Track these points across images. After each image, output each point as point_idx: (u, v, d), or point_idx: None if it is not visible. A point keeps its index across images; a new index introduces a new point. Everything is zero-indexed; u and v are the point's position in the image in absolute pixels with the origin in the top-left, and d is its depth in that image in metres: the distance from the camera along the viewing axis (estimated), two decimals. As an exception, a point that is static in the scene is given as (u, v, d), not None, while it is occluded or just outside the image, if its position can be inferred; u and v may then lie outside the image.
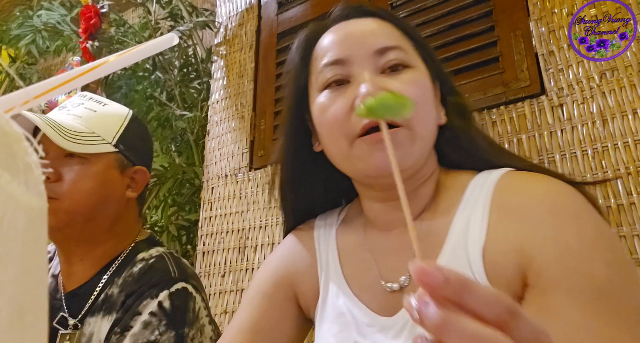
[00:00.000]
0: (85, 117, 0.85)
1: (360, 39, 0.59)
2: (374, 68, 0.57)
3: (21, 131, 0.20)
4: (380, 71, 0.58)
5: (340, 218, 0.71)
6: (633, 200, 0.87)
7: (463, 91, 1.13)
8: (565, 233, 0.48)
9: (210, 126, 1.65)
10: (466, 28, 1.18)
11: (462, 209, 0.57)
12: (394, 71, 0.58)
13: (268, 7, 1.64)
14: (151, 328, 0.73)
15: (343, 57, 0.59)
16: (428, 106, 0.58)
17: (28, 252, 0.18)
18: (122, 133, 0.88)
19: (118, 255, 0.86)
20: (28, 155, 0.20)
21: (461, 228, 0.55)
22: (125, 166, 0.88)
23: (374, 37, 0.59)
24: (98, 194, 0.83)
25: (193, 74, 2.13)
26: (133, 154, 0.89)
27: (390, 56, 0.57)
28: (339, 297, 0.62)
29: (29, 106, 0.27)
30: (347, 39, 0.60)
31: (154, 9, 2.24)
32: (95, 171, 0.83)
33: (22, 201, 0.18)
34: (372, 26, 0.61)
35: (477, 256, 0.52)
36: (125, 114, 0.91)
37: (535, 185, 0.54)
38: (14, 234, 0.18)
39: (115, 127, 0.88)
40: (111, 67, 0.32)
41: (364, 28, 0.61)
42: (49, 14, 2.41)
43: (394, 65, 0.58)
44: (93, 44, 1.84)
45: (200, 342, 0.77)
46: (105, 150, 0.84)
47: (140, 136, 0.93)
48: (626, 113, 0.92)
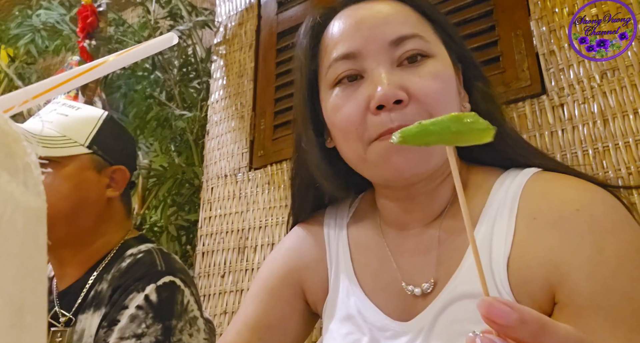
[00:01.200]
0: (56, 122, 0.87)
1: (373, 28, 0.53)
2: (390, 61, 0.52)
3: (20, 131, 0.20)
4: (398, 64, 0.52)
5: (352, 212, 0.66)
6: (633, 200, 0.87)
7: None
8: (603, 249, 0.44)
9: (210, 126, 1.65)
10: (466, 28, 1.18)
11: (485, 213, 0.53)
12: (412, 62, 0.52)
13: (268, 6, 1.64)
14: (138, 322, 0.74)
15: (355, 51, 0.53)
16: (451, 99, 0.53)
17: (27, 252, 0.18)
18: (96, 134, 0.89)
19: (107, 252, 0.88)
20: (27, 155, 0.20)
21: (485, 233, 0.51)
22: (102, 166, 0.89)
23: (388, 25, 0.53)
24: (75, 196, 0.84)
25: (192, 74, 2.13)
26: (109, 154, 0.90)
27: (408, 46, 0.52)
28: (350, 296, 0.58)
29: (28, 105, 0.27)
30: (359, 28, 0.54)
31: (153, 8, 2.24)
32: (68, 173, 0.84)
33: (21, 201, 0.18)
34: (386, 11, 0.54)
35: (501, 266, 0.48)
36: (98, 116, 0.92)
37: (569, 192, 0.50)
38: (13, 234, 0.17)
39: (88, 129, 0.89)
40: (110, 67, 0.32)
41: (376, 14, 0.54)
42: (48, 13, 2.41)
43: (412, 55, 0.52)
44: (90, 43, 1.84)
45: (190, 334, 0.77)
46: (78, 152, 0.85)
47: (116, 136, 0.94)
48: (627, 113, 0.92)
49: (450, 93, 0.53)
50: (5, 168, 0.18)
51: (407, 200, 0.58)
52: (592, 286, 0.43)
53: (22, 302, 0.17)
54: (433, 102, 0.50)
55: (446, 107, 0.51)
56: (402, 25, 0.53)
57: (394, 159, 0.50)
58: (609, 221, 0.46)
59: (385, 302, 0.56)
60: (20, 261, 0.18)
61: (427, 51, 0.52)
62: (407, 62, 0.52)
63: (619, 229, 0.46)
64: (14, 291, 0.17)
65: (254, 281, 0.67)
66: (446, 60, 0.54)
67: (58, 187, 0.83)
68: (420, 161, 0.51)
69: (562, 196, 0.49)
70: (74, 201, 0.84)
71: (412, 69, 0.51)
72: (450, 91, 0.53)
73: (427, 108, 0.50)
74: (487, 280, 0.46)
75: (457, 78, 0.57)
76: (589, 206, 0.47)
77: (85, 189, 0.86)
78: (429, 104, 0.50)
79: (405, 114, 0.50)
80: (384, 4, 0.55)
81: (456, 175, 0.29)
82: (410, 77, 0.51)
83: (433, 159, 0.51)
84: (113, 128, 0.93)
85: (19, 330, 0.17)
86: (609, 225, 0.46)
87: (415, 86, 0.50)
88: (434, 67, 0.52)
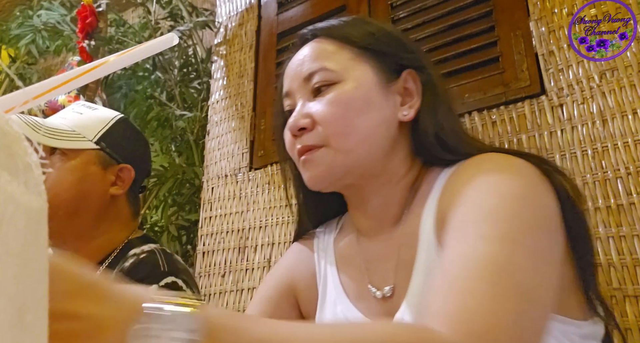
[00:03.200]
0: (70, 118, 0.90)
1: (295, 70, 0.63)
2: (307, 94, 0.61)
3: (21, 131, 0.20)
4: (314, 95, 0.61)
5: (339, 227, 0.72)
6: (633, 200, 0.87)
7: (463, 91, 1.14)
8: (480, 193, 0.49)
9: (210, 126, 1.65)
10: (466, 28, 1.18)
11: (428, 205, 0.57)
12: (320, 92, 0.60)
13: (268, 7, 1.64)
14: None
15: (287, 90, 0.64)
16: (358, 116, 0.59)
17: (28, 252, 0.18)
18: (105, 132, 0.91)
19: (111, 251, 0.88)
20: (28, 155, 0.20)
21: (430, 224, 0.55)
22: (109, 163, 0.90)
23: (303, 65, 0.62)
24: (77, 188, 0.86)
25: (193, 74, 2.13)
26: (117, 153, 0.91)
27: (315, 80, 0.60)
28: (337, 305, 0.63)
29: (29, 106, 0.27)
30: (288, 71, 0.65)
31: (153, 8, 2.24)
32: (73, 165, 0.86)
33: (22, 201, 0.18)
34: (306, 52, 0.63)
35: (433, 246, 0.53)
36: (112, 117, 0.94)
37: (484, 162, 0.55)
38: (13, 234, 0.18)
39: (98, 127, 0.91)
40: (111, 67, 0.32)
41: (299, 57, 0.64)
42: (49, 13, 2.41)
43: (318, 87, 0.60)
44: (90, 44, 1.84)
45: None
46: (85, 147, 0.87)
47: (127, 137, 0.96)
48: (626, 113, 0.92)
49: (355, 111, 0.59)
50: (6, 168, 0.18)
51: (361, 206, 0.64)
52: (458, 208, 0.49)
53: (23, 302, 0.18)
54: (330, 125, 0.58)
55: (351, 124, 0.58)
56: (312, 62, 0.61)
57: (305, 174, 0.60)
58: (503, 176, 0.50)
59: (366, 308, 0.60)
60: (21, 261, 0.18)
61: (332, 79, 0.60)
62: (318, 93, 0.61)
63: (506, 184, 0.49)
64: (14, 291, 0.17)
65: (255, 294, 0.72)
66: (358, 81, 0.60)
67: (63, 178, 0.85)
68: (320, 175, 0.59)
69: (477, 165, 0.54)
70: (76, 193, 0.86)
71: (319, 98, 0.60)
72: (356, 109, 0.59)
73: (327, 130, 0.58)
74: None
75: (389, 87, 0.62)
76: (495, 167, 0.52)
77: (89, 183, 0.87)
78: (327, 126, 0.58)
79: (307, 137, 0.59)
80: (309, 46, 0.64)
81: None
82: (316, 105, 0.60)
83: (335, 171, 0.59)
84: (126, 129, 0.95)
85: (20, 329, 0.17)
86: (500, 179, 0.50)
87: (316, 113, 0.59)
88: (336, 93, 0.59)
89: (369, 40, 0.63)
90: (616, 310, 0.84)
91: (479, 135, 1.08)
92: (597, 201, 0.90)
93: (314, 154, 0.58)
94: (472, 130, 1.10)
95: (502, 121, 1.07)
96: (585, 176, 0.93)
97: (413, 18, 1.27)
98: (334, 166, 0.59)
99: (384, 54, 0.62)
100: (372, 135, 0.59)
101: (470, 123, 1.11)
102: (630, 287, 0.83)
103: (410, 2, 1.29)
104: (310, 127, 0.59)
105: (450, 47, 1.18)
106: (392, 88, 0.62)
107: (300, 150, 0.60)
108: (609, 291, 0.85)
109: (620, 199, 0.88)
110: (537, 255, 0.44)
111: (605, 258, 0.87)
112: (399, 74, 0.62)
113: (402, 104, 0.62)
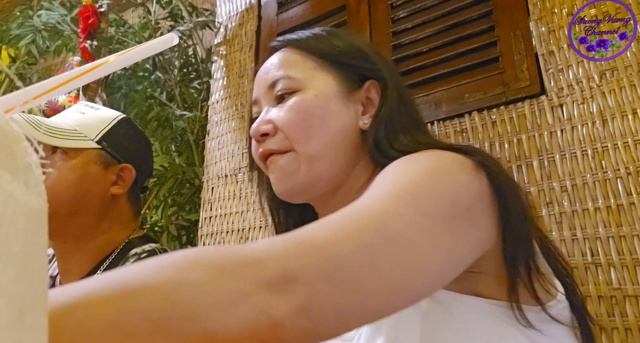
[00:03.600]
0: (72, 118, 0.90)
1: (261, 78, 0.66)
2: (271, 101, 0.64)
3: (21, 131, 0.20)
4: (278, 102, 0.63)
5: None
6: (633, 200, 0.87)
7: (463, 91, 1.14)
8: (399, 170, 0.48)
9: (210, 126, 1.65)
10: (466, 28, 1.18)
11: None
12: (282, 99, 0.63)
13: (268, 7, 1.64)
14: None
15: (255, 98, 0.67)
16: (315, 122, 0.60)
17: (28, 252, 0.18)
18: (107, 132, 0.91)
19: (112, 251, 0.88)
20: (28, 155, 0.20)
21: None
22: (110, 163, 0.90)
23: (268, 73, 0.65)
24: (77, 187, 0.86)
25: (193, 74, 2.13)
26: (118, 152, 0.91)
27: (278, 87, 0.63)
28: None
29: (29, 106, 0.27)
30: (257, 79, 0.68)
31: (154, 9, 2.24)
32: (74, 164, 0.87)
33: (22, 201, 0.18)
34: (272, 61, 0.66)
35: None
36: (114, 116, 0.94)
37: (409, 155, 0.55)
38: (13, 234, 0.18)
39: (100, 126, 0.91)
40: (111, 67, 0.32)
41: (266, 65, 0.67)
42: (49, 14, 2.41)
43: (281, 95, 0.63)
44: (92, 44, 1.84)
45: None
46: (86, 146, 0.88)
47: (130, 137, 0.96)
48: (626, 113, 0.92)
49: (315, 118, 0.61)
50: (7, 168, 0.18)
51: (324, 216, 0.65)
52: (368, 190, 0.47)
53: (23, 302, 0.18)
54: (290, 130, 0.60)
55: (310, 130, 0.60)
56: (277, 71, 0.64)
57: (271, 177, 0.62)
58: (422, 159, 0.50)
59: None
60: (22, 261, 0.18)
61: (294, 87, 0.62)
62: (280, 100, 0.63)
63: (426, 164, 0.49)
64: (15, 291, 0.17)
65: None
66: (319, 89, 0.62)
67: (63, 177, 0.85)
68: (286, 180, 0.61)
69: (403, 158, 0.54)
70: (77, 192, 0.86)
71: (281, 105, 0.62)
72: (315, 116, 0.61)
73: (287, 135, 0.61)
74: None
75: (351, 97, 0.64)
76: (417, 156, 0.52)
77: (89, 182, 0.87)
78: (287, 132, 0.60)
79: (269, 142, 0.62)
80: (276, 55, 0.67)
81: None
82: (277, 112, 0.62)
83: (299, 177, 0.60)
84: (128, 130, 0.95)
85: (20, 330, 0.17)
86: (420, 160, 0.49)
87: (277, 119, 0.61)
88: (297, 100, 0.61)
89: (333, 52, 0.66)
90: (616, 310, 0.84)
91: (479, 135, 1.08)
92: (597, 201, 0.90)
93: (280, 157, 0.61)
94: (472, 130, 1.10)
95: (502, 121, 1.07)
96: (585, 176, 0.93)
97: (413, 18, 1.27)
98: (299, 171, 0.60)
99: (347, 65, 0.65)
100: (332, 141, 0.61)
101: (470, 123, 1.11)
102: (630, 287, 0.83)
103: (410, 2, 1.29)
104: (272, 133, 0.61)
105: (450, 47, 1.18)
106: (354, 97, 0.64)
107: (262, 154, 0.62)
108: (609, 291, 0.85)
109: (620, 199, 0.88)
110: (428, 218, 0.41)
111: (605, 258, 0.87)
112: (362, 85, 0.65)
113: (364, 113, 0.65)
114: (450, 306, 0.49)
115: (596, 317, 0.86)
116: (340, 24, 1.42)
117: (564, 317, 0.54)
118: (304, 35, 0.68)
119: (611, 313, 0.84)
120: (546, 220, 0.95)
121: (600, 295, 0.86)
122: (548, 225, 0.95)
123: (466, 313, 0.49)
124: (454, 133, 1.12)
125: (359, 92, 0.65)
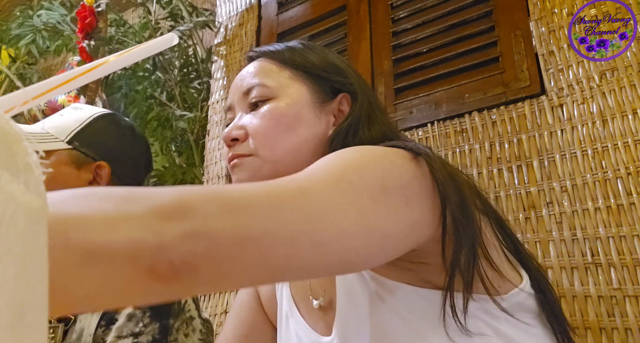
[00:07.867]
0: (48, 120, 0.89)
1: (237, 85, 0.67)
2: (245, 108, 0.65)
3: (21, 131, 0.20)
4: (251, 109, 0.65)
5: None
6: (633, 200, 0.87)
7: (463, 91, 1.14)
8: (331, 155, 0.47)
9: (210, 126, 1.65)
10: (466, 28, 1.18)
11: None
12: (256, 107, 0.64)
13: (268, 7, 1.64)
14: (135, 320, 0.74)
15: (229, 104, 0.68)
16: (285, 130, 0.62)
17: (28, 252, 0.18)
18: (79, 131, 0.89)
19: None
20: (28, 155, 0.20)
21: None
22: (83, 162, 0.89)
23: (244, 80, 0.66)
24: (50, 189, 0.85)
25: (193, 74, 2.13)
26: (92, 150, 0.90)
27: (253, 94, 0.64)
28: (289, 319, 0.66)
29: (29, 106, 0.27)
30: (232, 86, 0.69)
31: (154, 9, 2.24)
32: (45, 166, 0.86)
33: (22, 201, 0.18)
34: (248, 70, 0.68)
35: None
36: (90, 115, 0.92)
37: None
38: (14, 234, 0.18)
39: (72, 126, 0.89)
40: (111, 67, 0.32)
41: (242, 73, 0.69)
42: (49, 13, 2.41)
43: (255, 102, 0.64)
44: (90, 44, 1.84)
45: (186, 334, 0.78)
46: (56, 147, 0.86)
47: (109, 132, 0.94)
48: (626, 113, 0.92)
49: (285, 126, 0.62)
50: (7, 168, 0.18)
51: None
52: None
53: (23, 302, 0.18)
54: (260, 136, 0.61)
55: (279, 137, 0.61)
56: (252, 78, 0.66)
57: (233, 178, 0.63)
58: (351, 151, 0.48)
59: (313, 321, 0.63)
60: (22, 261, 0.18)
61: (268, 95, 0.64)
62: (255, 107, 0.64)
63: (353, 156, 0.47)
64: (15, 291, 0.17)
65: (233, 304, 0.77)
66: (292, 98, 0.64)
67: None
68: (247, 180, 0.61)
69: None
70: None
71: (255, 112, 0.64)
72: (286, 124, 0.62)
73: (256, 142, 0.62)
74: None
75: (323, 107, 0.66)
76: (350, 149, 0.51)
77: (61, 184, 0.86)
78: (257, 138, 0.62)
79: (239, 147, 0.62)
80: (252, 64, 0.69)
81: None
82: (250, 118, 0.63)
83: (260, 174, 0.61)
84: (108, 126, 0.93)
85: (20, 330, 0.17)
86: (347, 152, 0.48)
87: (249, 125, 0.62)
88: (269, 108, 0.63)
89: (307, 64, 0.68)
90: (616, 310, 0.84)
91: (479, 135, 1.08)
92: (597, 201, 0.90)
93: (243, 160, 0.62)
94: (472, 130, 1.10)
95: (502, 121, 1.07)
96: (585, 176, 0.93)
97: (413, 18, 1.27)
98: (260, 173, 0.61)
99: (320, 77, 0.67)
100: (298, 149, 0.62)
101: (471, 123, 1.11)
102: (630, 287, 0.83)
103: (410, 2, 1.29)
104: (243, 139, 0.63)
105: (450, 47, 1.19)
106: (326, 109, 0.66)
107: (229, 159, 0.63)
108: (609, 291, 0.85)
109: (620, 199, 0.88)
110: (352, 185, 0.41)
111: (605, 258, 0.87)
112: (335, 97, 0.67)
113: (335, 123, 0.67)
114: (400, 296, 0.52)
115: (596, 317, 0.86)
116: (340, 24, 1.42)
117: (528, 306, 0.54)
118: (280, 48, 0.71)
119: (611, 313, 0.84)
120: (546, 219, 0.95)
121: (600, 295, 0.86)
122: (548, 225, 0.95)
123: (414, 301, 0.51)
124: (454, 133, 1.12)
125: (331, 104, 0.67)
